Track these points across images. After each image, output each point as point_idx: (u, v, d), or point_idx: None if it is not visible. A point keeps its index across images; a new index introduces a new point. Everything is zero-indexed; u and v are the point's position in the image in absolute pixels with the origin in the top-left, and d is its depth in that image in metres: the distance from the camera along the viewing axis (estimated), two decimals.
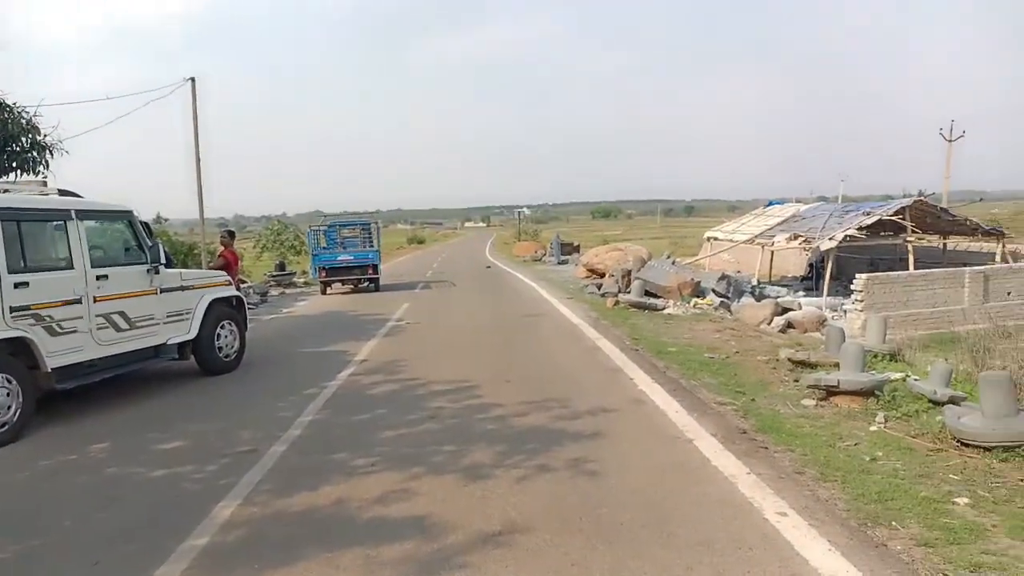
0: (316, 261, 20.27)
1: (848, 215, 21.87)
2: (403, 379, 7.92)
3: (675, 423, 5.80)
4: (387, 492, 4.49)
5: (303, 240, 33.51)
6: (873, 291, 16.38)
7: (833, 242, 19.84)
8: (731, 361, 8.48)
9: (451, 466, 4.93)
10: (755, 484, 4.40)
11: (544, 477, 4.66)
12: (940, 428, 5.30)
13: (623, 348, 9.44)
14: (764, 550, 3.52)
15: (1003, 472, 4.51)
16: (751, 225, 26.13)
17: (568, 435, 5.56)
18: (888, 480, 4.39)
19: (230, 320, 8.89)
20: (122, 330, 7.29)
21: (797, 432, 5.47)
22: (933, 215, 22.12)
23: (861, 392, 6.30)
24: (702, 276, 17.95)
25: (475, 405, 6.63)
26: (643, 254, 22.26)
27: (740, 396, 6.67)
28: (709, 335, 10.77)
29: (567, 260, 33.73)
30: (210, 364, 8.53)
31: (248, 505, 4.39)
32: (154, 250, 7.74)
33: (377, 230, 21.35)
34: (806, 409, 6.23)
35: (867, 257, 24.60)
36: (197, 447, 5.67)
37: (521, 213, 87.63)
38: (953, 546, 3.51)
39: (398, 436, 5.73)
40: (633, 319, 12.59)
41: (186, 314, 8.20)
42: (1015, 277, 18.78)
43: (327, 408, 6.76)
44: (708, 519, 3.91)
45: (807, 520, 3.84)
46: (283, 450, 5.47)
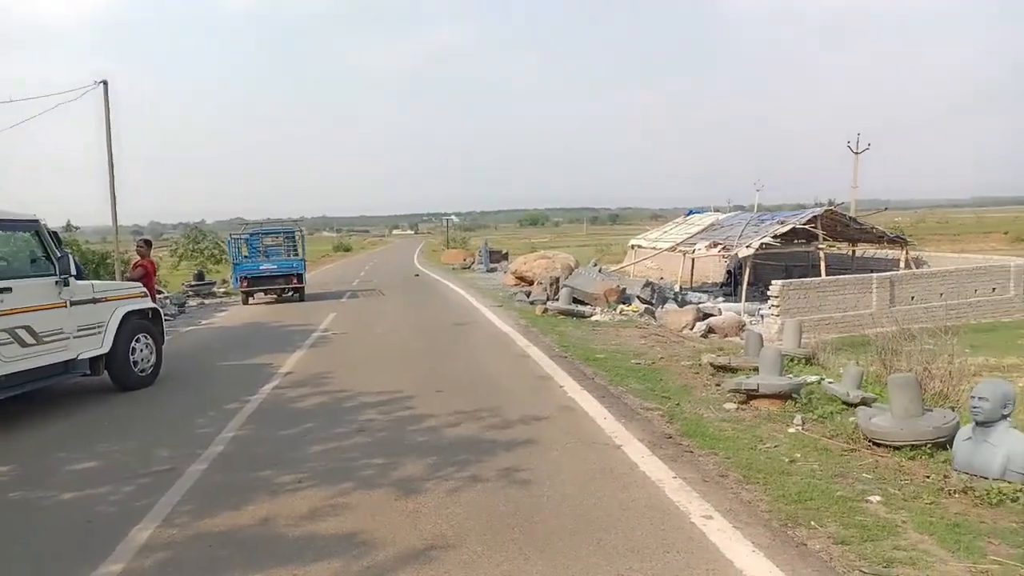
0: (237, 270, 19.68)
1: (764, 224, 22.74)
2: (330, 391, 7.76)
3: (604, 429, 5.88)
4: (315, 509, 4.38)
5: (223, 248, 32.53)
6: (788, 297, 17.06)
7: (750, 250, 20.59)
8: (657, 367, 8.66)
9: (381, 480, 4.86)
10: (681, 488, 4.50)
11: (476, 488, 4.64)
12: (853, 429, 5.54)
13: (552, 355, 9.52)
14: (691, 553, 3.60)
15: (912, 470, 4.75)
16: (673, 233, 26.86)
17: (500, 444, 5.56)
18: (806, 481, 4.57)
19: (146, 333, 8.52)
20: (28, 345, 6.89)
21: (720, 436, 5.63)
22: (842, 223, 23.25)
23: (779, 395, 6.54)
24: (627, 283, 18.32)
25: (405, 416, 6.56)
26: (570, 262, 22.54)
27: (666, 401, 6.82)
28: (635, 341, 10.98)
29: (496, 268, 33.84)
30: (125, 380, 8.15)
31: (167, 527, 4.21)
32: (63, 261, 7.36)
33: (301, 238, 20.92)
34: (728, 412, 6.41)
35: (782, 264, 25.62)
36: (111, 467, 5.41)
37: (449, 221, 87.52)
38: (867, 543, 3.67)
39: (326, 451, 5.60)
40: (561, 326, 12.71)
41: (98, 328, 7.82)
42: (918, 282, 19.90)
43: (250, 423, 6.56)
44: (637, 524, 3.98)
45: (731, 522, 3.96)
46: (204, 468, 5.27)
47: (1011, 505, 4.07)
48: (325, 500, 4.52)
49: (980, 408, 4.44)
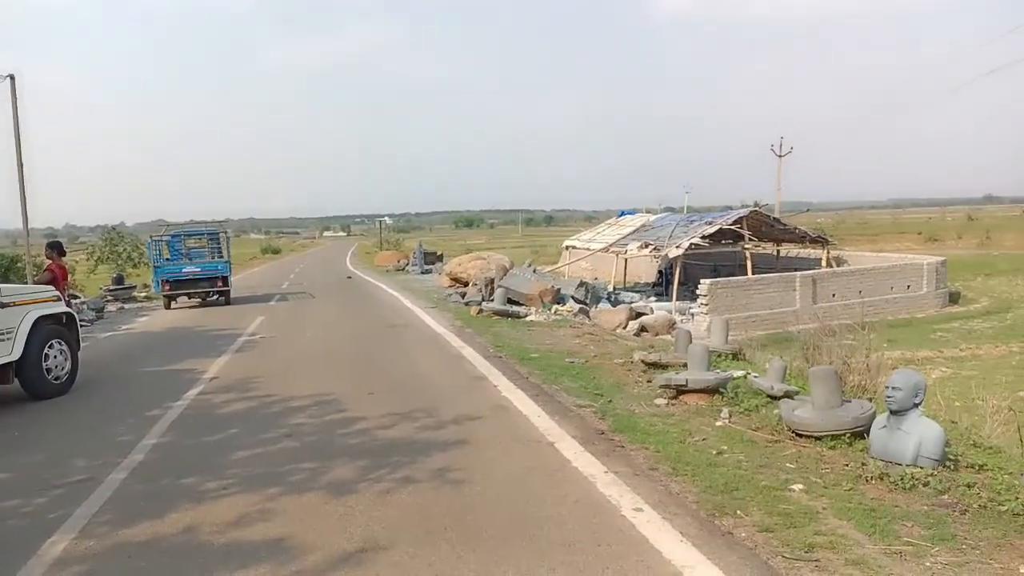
0: (158, 274, 18.95)
1: (692, 224, 23.30)
2: (258, 396, 7.56)
3: (537, 427, 5.91)
4: (241, 515, 4.25)
5: (143, 251, 31.35)
6: (716, 295, 17.53)
7: (680, 250, 21.06)
8: (590, 365, 8.76)
9: (311, 484, 4.76)
10: (612, 482, 4.56)
11: (408, 489, 4.60)
12: (777, 421, 5.72)
13: (487, 356, 9.52)
14: (622, 545, 3.65)
15: (832, 459, 4.93)
16: (606, 234, 27.25)
17: (433, 445, 5.52)
18: (733, 472, 4.69)
19: (60, 339, 8.13)
20: None
21: (651, 430, 5.73)
22: (767, 224, 24.03)
23: (707, 390, 6.70)
24: (562, 283, 18.48)
25: (336, 420, 6.44)
26: (505, 263, 22.58)
27: (599, 398, 6.90)
28: (569, 340, 11.08)
29: (431, 269, 33.63)
30: (38, 387, 7.75)
31: (84, 538, 4.02)
32: None
33: (227, 240, 20.32)
34: (659, 408, 6.54)
35: (711, 264, 26.31)
36: (23, 479, 5.13)
37: (383, 222, 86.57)
38: (790, 530, 3.79)
39: (253, 456, 5.45)
40: (496, 327, 12.72)
41: (7, 334, 7.42)
42: (838, 280, 20.73)
43: (173, 430, 6.33)
44: (569, 519, 4.01)
45: (661, 514, 4.03)
46: (123, 477, 5.06)
47: (923, 489, 4.26)
48: (252, 506, 4.40)
49: (893, 397, 4.64)
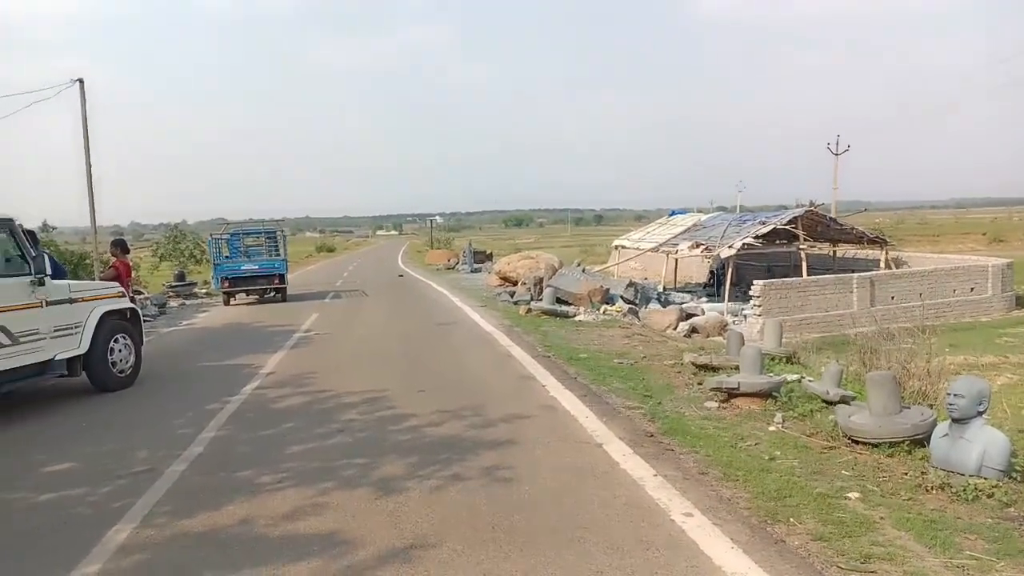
0: (218, 271, 19.51)
1: (745, 224, 22.88)
2: (312, 391, 7.72)
3: (585, 428, 5.89)
4: (295, 509, 4.35)
5: (204, 249, 32.27)
6: (770, 297, 17.18)
7: (732, 250, 20.71)
8: (639, 366, 8.69)
9: (362, 480, 4.84)
10: (661, 486, 4.52)
11: (457, 487, 4.63)
12: (833, 427, 5.59)
13: (535, 355, 9.53)
14: (671, 551, 3.62)
15: (890, 467, 4.80)
16: (656, 234, 26.97)
17: (482, 443, 5.56)
18: (786, 478, 4.60)
19: (124, 334, 8.43)
20: (3, 346, 6.80)
21: (701, 434, 5.66)
22: (823, 224, 23.44)
23: (760, 394, 6.59)
24: (611, 283, 18.37)
25: (387, 416, 6.54)
26: (554, 262, 22.56)
27: (648, 400, 6.84)
28: (618, 341, 11.01)
29: (480, 268, 33.81)
30: (103, 380, 8.06)
31: (145, 528, 4.16)
32: (39, 261, 7.27)
33: (283, 238, 20.78)
34: (709, 411, 6.45)
35: (764, 264, 25.80)
36: (89, 468, 5.34)
37: (433, 221, 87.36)
38: (846, 539, 3.70)
39: (307, 451, 5.57)
40: (545, 326, 12.72)
41: (75, 328, 7.73)
42: (897, 282, 20.11)
43: (230, 424, 6.51)
44: (617, 522, 3.99)
45: (711, 519, 3.97)
46: (183, 469, 5.22)
47: (987, 501, 4.12)
48: (305, 500, 4.50)
49: (956, 405, 4.49)
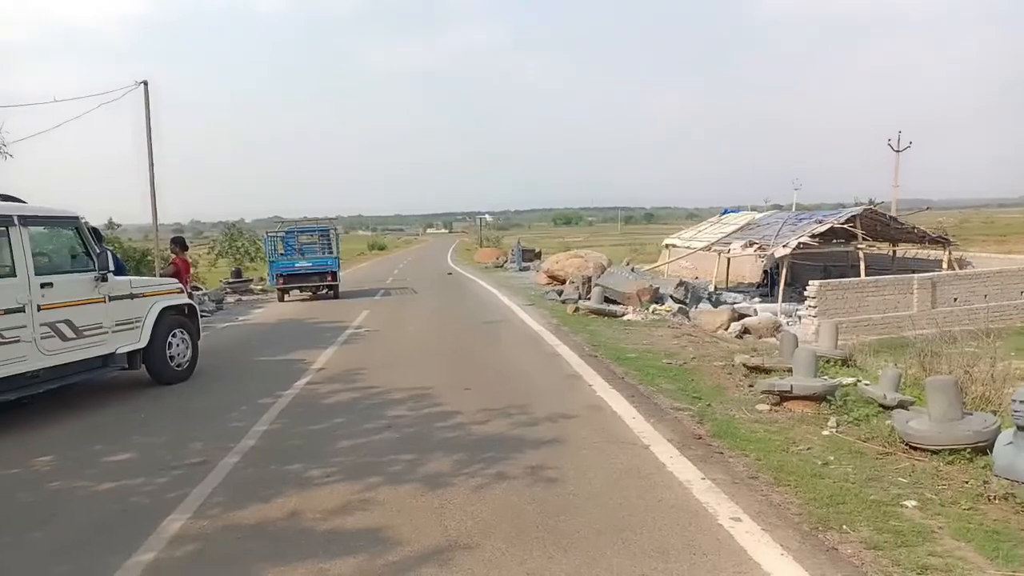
0: (273, 268, 19.97)
1: (801, 223, 22.33)
2: (361, 387, 7.83)
3: (632, 429, 5.83)
4: (343, 503, 4.42)
5: (260, 246, 33.03)
6: (826, 297, 16.75)
7: (787, 249, 20.23)
8: (688, 367, 8.56)
9: (409, 476, 4.88)
10: (709, 489, 4.44)
11: (502, 485, 4.63)
12: (889, 432, 5.41)
13: (582, 354, 9.47)
14: (718, 555, 3.55)
15: (949, 475, 4.62)
16: (708, 232, 26.53)
17: (527, 442, 5.55)
18: (839, 484, 4.47)
19: (182, 328, 8.68)
20: (68, 339, 7.07)
21: (751, 437, 5.55)
22: (883, 223, 22.73)
23: (813, 397, 6.42)
24: (661, 283, 18.15)
25: (434, 413, 6.58)
26: (603, 261, 22.42)
27: (697, 401, 6.74)
28: (667, 341, 10.88)
29: (528, 267, 33.80)
30: (161, 374, 8.31)
31: (198, 518, 4.28)
32: (102, 257, 7.53)
33: (336, 236, 21.13)
34: (761, 414, 6.32)
35: (820, 264, 25.15)
36: (146, 459, 5.52)
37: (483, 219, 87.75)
38: (901, 548, 3.58)
39: (355, 446, 5.65)
40: (593, 325, 12.65)
41: (136, 322, 7.99)
42: (960, 284, 19.38)
43: (282, 418, 6.64)
44: (664, 525, 3.93)
45: (760, 525, 3.89)
46: (236, 461, 5.35)
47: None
48: (353, 495, 4.56)
49: (1021, 411, 4.30)
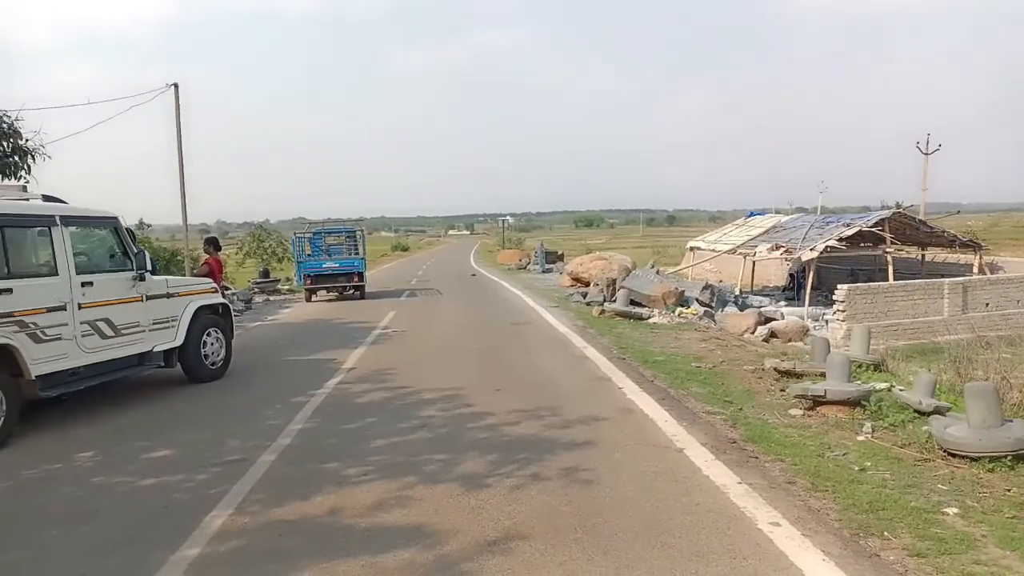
0: (301, 268, 20.14)
1: (828, 226, 22.10)
2: (392, 387, 7.89)
3: (665, 432, 5.83)
4: (381, 501, 4.47)
5: (286, 247, 33.34)
6: (854, 301, 16.56)
7: (814, 253, 20.04)
8: (718, 370, 8.53)
9: (444, 475, 4.92)
10: (746, 494, 4.43)
11: (537, 486, 4.66)
12: (927, 438, 5.36)
13: (610, 357, 9.47)
14: (759, 560, 3.54)
15: (990, 482, 4.57)
16: (733, 235, 26.35)
17: (560, 444, 5.57)
18: (878, 490, 4.44)
19: (216, 327, 8.81)
20: (107, 337, 7.20)
21: (786, 442, 5.52)
22: (912, 227, 22.43)
23: (848, 402, 6.38)
24: (686, 285, 18.07)
25: (466, 414, 6.62)
26: (627, 263, 22.35)
27: (728, 405, 6.71)
28: (695, 344, 10.84)
29: (551, 268, 33.80)
30: (196, 372, 8.44)
31: (240, 515, 4.35)
32: (140, 257, 7.66)
33: (362, 237, 21.29)
34: (794, 419, 6.28)
35: (847, 268, 24.87)
36: (186, 456, 5.61)
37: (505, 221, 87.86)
38: (945, 556, 3.55)
39: (390, 445, 5.70)
40: (619, 328, 12.64)
41: (172, 321, 8.12)
42: (992, 288, 19.07)
43: (316, 417, 6.72)
44: (702, 529, 3.93)
45: (800, 530, 3.87)
46: (273, 459, 5.42)
47: None
48: (390, 493, 4.60)
49: None
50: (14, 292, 6.23)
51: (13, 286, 6.24)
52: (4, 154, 10.43)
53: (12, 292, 6.21)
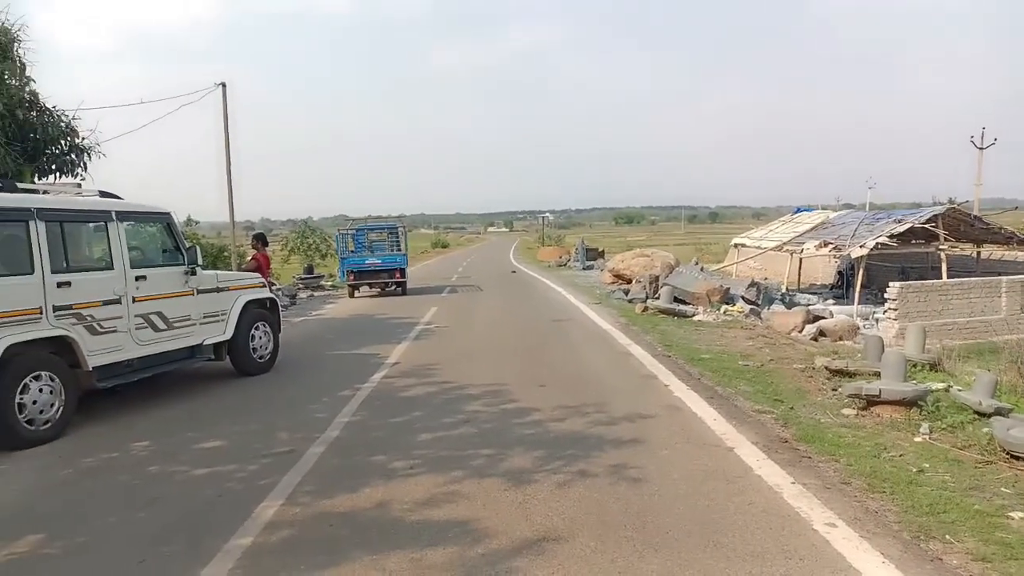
0: (345, 264, 20.35)
1: (879, 222, 21.54)
2: (437, 382, 7.92)
3: (714, 431, 5.73)
4: (429, 495, 4.47)
5: (329, 244, 33.75)
6: (907, 299, 16.11)
7: (864, 250, 19.55)
8: (766, 369, 8.37)
9: (491, 470, 4.91)
10: (801, 494, 4.32)
11: (585, 483, 4.62)
12: (988, 440, 5.18)
13: (655, 354, 9.37)
14: (815, 562, 3.45)
15: None
16: (779, 232, 25.85)
17: (606, 441, 5.52)
18: (938, 492, 4.30)
19: (264, 322, 8.94)
20: (160, 330, 7.37)
21: (839, 442, 5.38)
22: (966, 223, 21.73)
23: (903, 402, 6.19)
24: (731, 283, 17.80)
25: (511, 409, 6.61)
26: (670, 260, 22.12)
27: (778, 404, 6.58)
28: (742, 342, 10.65)
29: (592, 266, 33.63)
30: (245, 365, 8.59)
31: (291, 505, 4.40)
32: (191, 251, 7.82)
33: (404, 234, 21.42)
34: (847, 418, 6.13)
35: (897, 265, 24.22)
36: (237, 447, 5.71)
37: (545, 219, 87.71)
38: (1011, 561, 3.42)
39: (436, 439, 5.72)
40: (663, 325, 12.50)
41: (222, 315, 8.27)
42: None
43: (363, 410, 6.77)
44: (755, 529, 3.85)
45: (858, 532, 3.77)
46: (322, 451, 5.48)
47: None
48: (438, 487, 4.61)
49: None
50: (72, 285, 6.41)
51: (72, 279, 6.42)
52: (61, 152, 10.74)
53: (71, 285, 6.39)
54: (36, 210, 6.21)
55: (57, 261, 6.34)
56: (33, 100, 10.36)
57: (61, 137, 10.71)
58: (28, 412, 5.92)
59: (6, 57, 9.57)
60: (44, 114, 10.51)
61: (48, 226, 6.27)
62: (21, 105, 9.81)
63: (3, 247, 6.20)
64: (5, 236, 6.19)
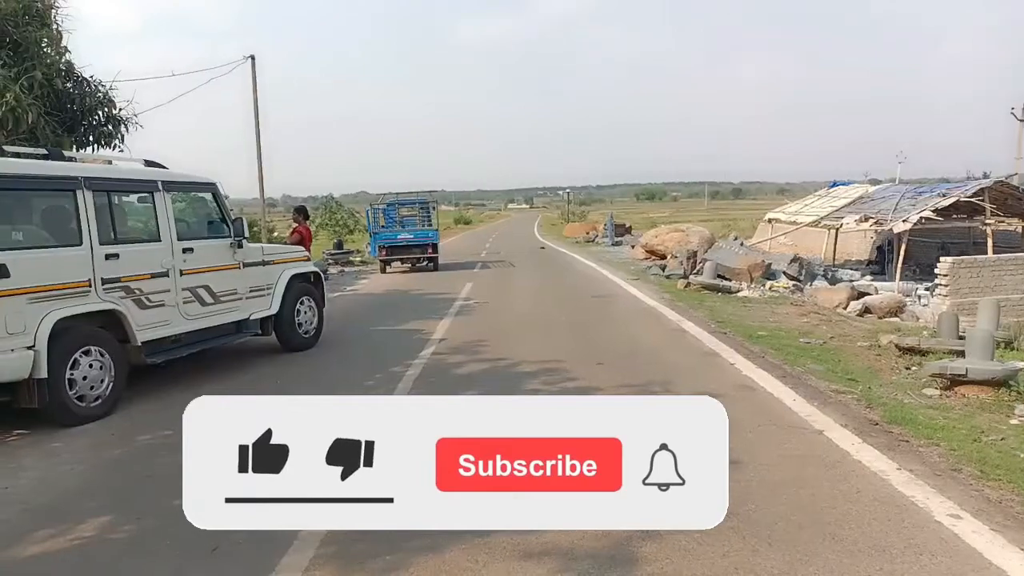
0: (376, 239, 20.10)
1: (921, 196, 20.91)
2: (489, 359, 7.65)
3: (796, 412, 5.42)
4: None
5: (357, 219, 33.60)
6: (959, 275, 15.60)
7: (907, 224, 18.98)
8: (830, 347, 8.03)
9: None
10: (910, 481, 4.02)
11: None
12: None
13: (710, 331, 9.03)
14: (951, 559, 3.16)
15: None
16: (815, 206, 25.25)
17: None
18: None
19: (308, 296, 8.71)
20: (207, 304, 7.15)
21: (933, 424, 5.06)
22: (1014, 197, 21.04)
23: (992, 382, 5.87)
24: (772, 258, 17.37)
25: (571, 388, 6.32)
26: (707, 235, 21.68)
27: (854, 384, 6.25)
28: (795, 319, 10.30)
29: (620, 241, 33.16)
30: (290, 340, 8.37)
31: None
32: (238, 224, 7.58)
33: (434, 209, 21.15)
34: (931, 399, 5.81)
35: (937, 240, 23.56)
36: None
37: (567, 194, 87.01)
38: None
39: None
40: (708, 301, 12.15)
41: (267, 289, 8.04)
42: None
43: (419, 386, 6.52)
44: (872, 520, 3.56)
45: (986, 524, 3.46)
46: None
47: None
48: None
49: None
50: (120, 257, 6.19)
51: (120, 251, 6.20)
52: (99, 123, 10.53)
53: (119, 257, 6.17)
54: (84, 179, 5.98)
55: (105, 232, 6.11)
56: (69, 70, 10.13)
57: (99, 107, 10.49)
58: (79, 388, 5.72)
59: (44, 24, 9.32)
60: (81, 84, 10.29)
61: (96, 196, 6.04)
62: (59, 74, 9.59)
63: (51, 217, 6.00)
64: (53, 206, 5.98)
